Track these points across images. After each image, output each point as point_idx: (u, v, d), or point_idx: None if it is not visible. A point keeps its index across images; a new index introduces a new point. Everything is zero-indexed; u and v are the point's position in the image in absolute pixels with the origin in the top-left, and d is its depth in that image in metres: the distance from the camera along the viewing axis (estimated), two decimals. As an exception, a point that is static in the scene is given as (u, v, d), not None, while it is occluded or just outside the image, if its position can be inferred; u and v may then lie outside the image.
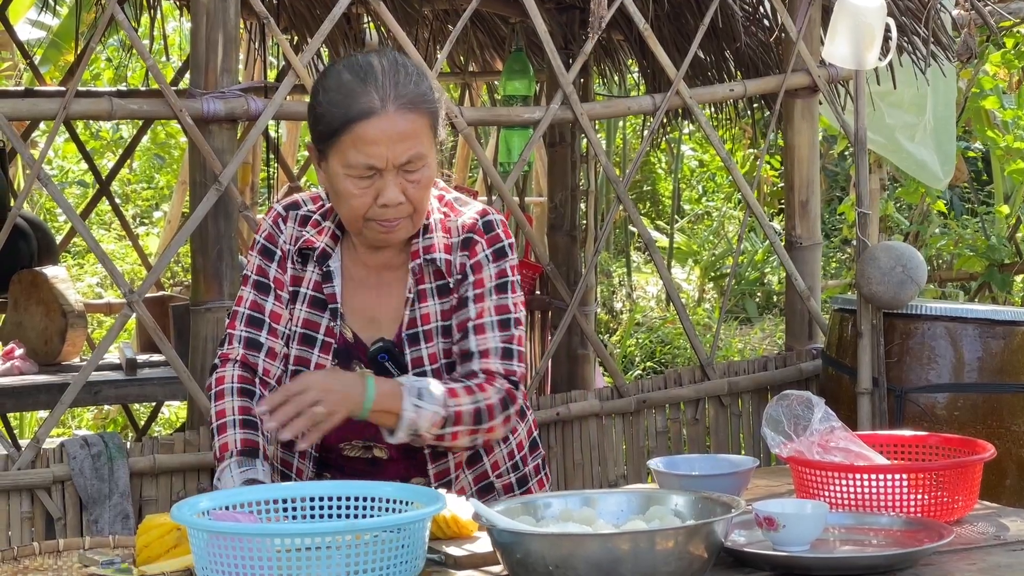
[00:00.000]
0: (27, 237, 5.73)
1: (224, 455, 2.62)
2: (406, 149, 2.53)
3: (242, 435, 2.63)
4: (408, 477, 2.71)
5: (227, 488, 2.54)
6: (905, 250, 4.06)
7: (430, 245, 2.67)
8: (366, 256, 2.70)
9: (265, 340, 2.69)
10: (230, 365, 2.70)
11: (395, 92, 2.53)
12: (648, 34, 4.29)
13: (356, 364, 2.68)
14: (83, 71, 3.78)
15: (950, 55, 4.90)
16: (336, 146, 2.55)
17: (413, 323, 2.67)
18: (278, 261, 2.70)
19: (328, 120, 2.55)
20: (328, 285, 2.68)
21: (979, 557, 2.31)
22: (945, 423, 3.97)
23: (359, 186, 2.55)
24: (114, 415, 8.01)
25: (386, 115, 2.52)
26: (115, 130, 11.76)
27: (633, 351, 9.51)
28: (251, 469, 2.60)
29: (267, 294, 2.70)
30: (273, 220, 2.73)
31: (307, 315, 2.69)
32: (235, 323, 2.71)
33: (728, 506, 2.23)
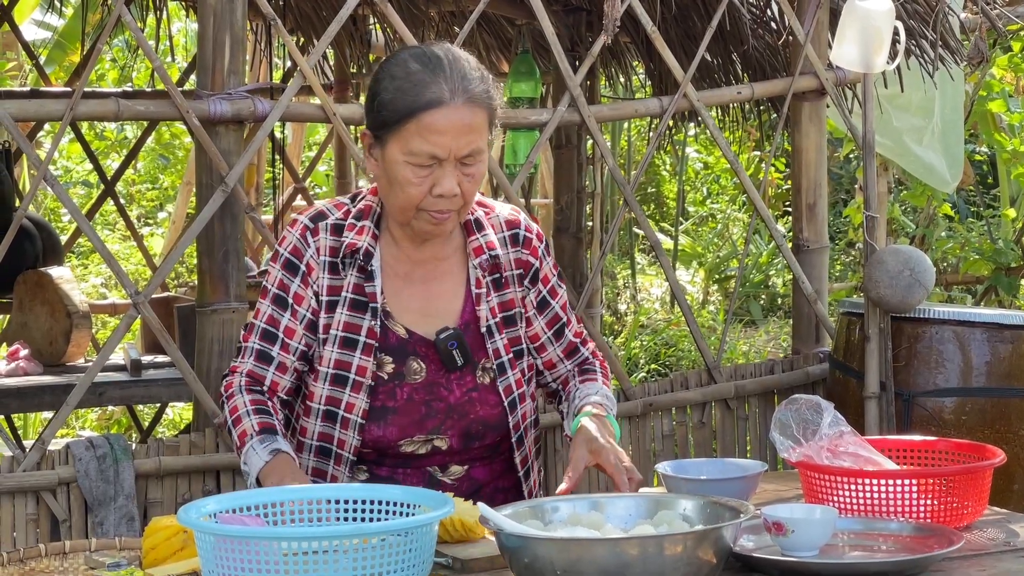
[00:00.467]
0: (32, 238, 5.73)
1: (244, 440, 2.63)
2: (468, 142, 2.57)
3: (258, 420, 2.64)
4: (449, 464, 2.70)
5: (255, 467, 2.57)
6: (913, 254, 4.04)
7: (489, 242, 2.72)
8: (411, 251, 2.71)
9: (277, 355, 2.69)
10: (238, 376, 2.72)
11: (462, 85, 2.57)
12: (655, 36, 4.28)
13: (414, 359, 2.68)
14: (90, 72, 3.78)
15: (958, 59, 4.90)
16: (399, 133, 2.57)
17: (486, 317, 2.71)
18: (302, 276, 2.69)
19: (394, 107, 2.57)
20: (369, 285, 2.68)
21: (989, 563, 2.30)
22: (953, 427, 3.96)
23: (418, 175, 2.57)
24: (118, 416, 8.01)
25: (454, 107, 2.55)
26: (120, 130, 11.76)
27: (638, 353, 9.50)
28: (273, 442, 2.60)
29: (284, 309, 2.69)
30: (301, 233, 2.70)
31: (348, 318, 2.67)
32: (250, 336, 2.72)
33: (737, 511, 2.22)
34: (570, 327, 2.83)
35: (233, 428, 2.66)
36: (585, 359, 2.85)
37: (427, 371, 2.67)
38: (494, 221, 2.76)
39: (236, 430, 2.65)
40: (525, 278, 2.76)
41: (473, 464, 2.72)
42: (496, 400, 2.71)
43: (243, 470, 2.63)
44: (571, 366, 2.84)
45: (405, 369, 2.67)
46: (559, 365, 2.83)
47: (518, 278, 2.75)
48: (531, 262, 2.76)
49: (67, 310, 5.22)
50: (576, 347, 2.84)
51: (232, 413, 2.68)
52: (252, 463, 2.59)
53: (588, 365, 2.86)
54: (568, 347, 2.83)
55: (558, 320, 2.80)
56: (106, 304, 7.58)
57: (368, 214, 2.70)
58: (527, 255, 2.76)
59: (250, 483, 2.60)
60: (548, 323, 2.79)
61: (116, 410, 7.92)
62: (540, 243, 2.79)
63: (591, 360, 2.86)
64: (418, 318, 2.69)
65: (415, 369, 2.67)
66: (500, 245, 2.74)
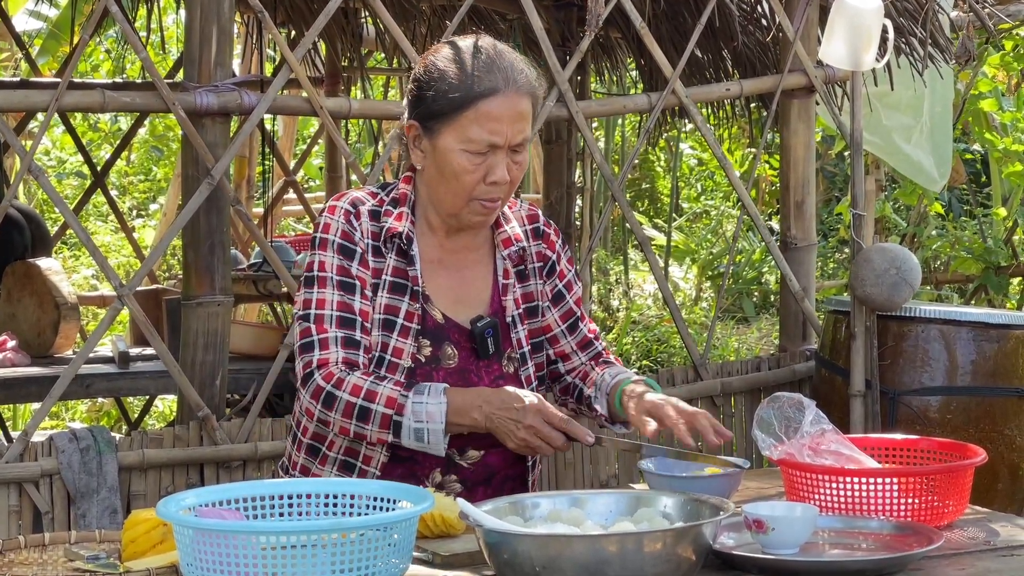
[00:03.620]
0: (21, 228, 5.72)
1: (396, 404, 2.56)
2: (520, 130, 2.63)
3: (392, 382, 2.60)
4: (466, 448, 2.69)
5: (435, 419, 2.56)
6: (899, 252, 4.05)
7: (516, 234, 2.78)
8: (444, 240, 2.74)
9: (360, 338, 2.65)
10: (333, 366, 2.61)
11: (514, 75, 2.63)
12: (645, 32, 4.28)
13: (448, 344, 2.69)
14: (76, 63, 3.77)
15: (948, 57, 4.90)
16: (455, 122, 2.61)
17: (512, 308, 2.76)
18: (359, 258, 2.68)
19: (450, 97, 2.61)
20: (411, 268, 2.70)
21: (969, 562, 2.30)
22: (938, 426, 3.97)
23: (473, 162, 2.61)
24: (108, 408, 8.00)
25: (508, 95, 2.61)
26: (113, 122, 11.74)
27: (629, 349, 9.50)
28: (432, 386, 2.59)
29: (354, 293, 2.66)
30: (345, 218, 2.69)
31: (388, 300, 2.69)
32: (324, 326, 2.63)
33: (717, 508, 2.22)
34: (585, 322, 2.87)
35: (370, 403, 2.57)
36: (599, 353, 2.89)
37: (459, 357, 2.71)
38: (517, 215, 2.82)
39: (377, 403, 2.57)
40: (544, 270, 2.81)
41: (489, 450, 2.72)
42: None
43: (415, 429, 2.56)
44: (585, 359, 2.86)
45: (440, 353, 2.69)
46: (573, 357, 2.85)
47: (539, 271, 2.81)
48: (548, 255, 2.82)
49: (55, 301, 5.21)
50: (590, 341, 2.87)
51: (356, 394, 2.58)
52: (430, 412, 2.56)
53: (605, 359, 2.89)
54: (583, 340, 2.86)
55: (572, 314, 2.84)
56: (95, 296, 7.57)
57: (404, 201, 2.73)
58: (545, 248, 2.82)
59: (434, 435, 2.56)
60: (562, 316, 2.83)
61: (105, 402, 7.90)
62: (557, 238, 2.85)
63: (605, 355, 2.90)
64: (452, 305, 2.73)
65: (449, 354, 2.70)
66: (524, 237, 2.79)
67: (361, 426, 2.59)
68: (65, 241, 10.68)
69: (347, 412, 2.59)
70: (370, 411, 2.58)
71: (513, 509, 2.32)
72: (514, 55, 2.68)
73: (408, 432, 2.58)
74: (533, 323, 2.80)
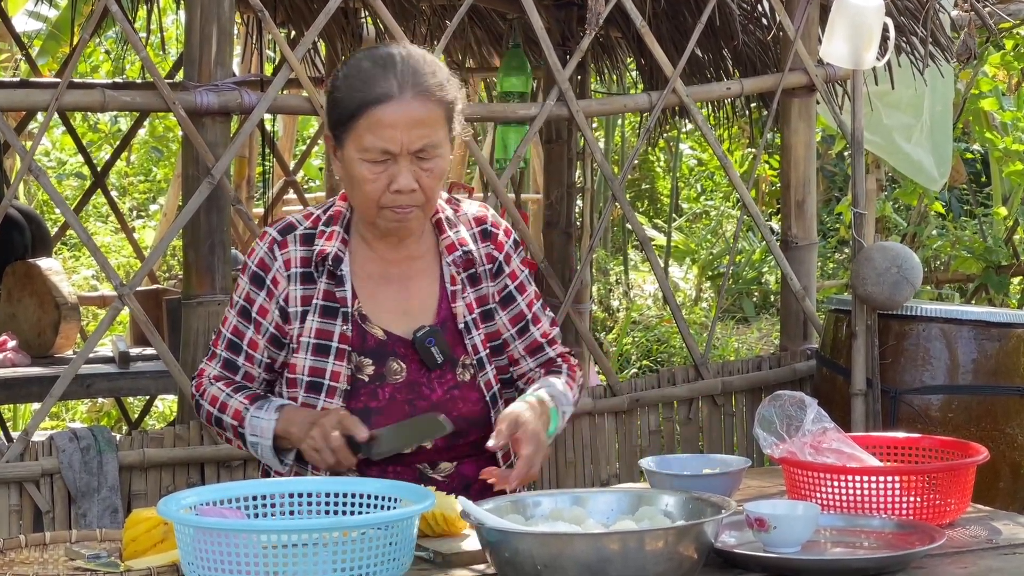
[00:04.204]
0: (21, 229, 5.72)
1: (240, 417, 2.66)
2: (420, 136, 2.57)
3: (243, 395, 2.68)
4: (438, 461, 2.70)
5: (267, 430, 2.61)
6: (901, 251, 4.04)
7: (461, 238, 2.73)
8: (385, 252, 2.71)
9: (242, 365, 2.72)
10: (206, 378, 2.75)
11: (412, 80, 2.57)
12: (645, 31, 4.28)
13: (393, 360, 2.67)
14: (76, 62, 3.77)
15: (948, 56, 4.89)
16: (353, 130, 2.58)
17: (463, 314, 2.71)
18: (267, 290, 2.69)
19: (346, 104, 2.59)
20: (340, 290, 2.67)
21: (971, 560, 2.30)
22: (939, 425, 3.96)
23: (373, 171, 2.58)
24: (108, 408, 7.99)
25: (403, 100, 2.56)
26: (113, 122, 11.74)
27: (629, 349, 9.49)
28: (271, 402, 2.65)
29: (249, 322, 2.70)
30: (269, 246, 2.70)
31: (319, 325, 2.67)
32: (218, 342, 2.75)
33: (719, 507, 2.22)
34: (538, 326, 2.79)
35: (222, 415, 2.68)
36: (551, 359, 2.81)
37: (408, 371, 2.67)
38: (463, 218, 2.76)
39: (226, 415, 2.68)
40: (493, 272, 2.76)
41: (462, 460, 2.71)
42: (477, 396, 2.70)
43: (251, 442, 2.65)
44: (534, 365, 2.80)
45: (385, 370, 2.67)
46: (521, 362, 2.79)
47: (489, 272, 2.75)
48: (495, 255, 2.76)
49: (56, 302, 5.21)
50: (541, 345, 2.80)
51: (213, 403, 2.70)
52: (261, 428, 2.63)
53: (555, 368, 2.81)
54: (532, 344, 2.79)
55: (523, 317, 2.77)
56: (95, 296, 7.56)
57: (338, 219, 2.70)
58: (493, 249, 2.76)
59: (265, 450, 2.62)
60: (512, 319, 2.77)
61: (106, 403, 7.90)
62: (508, 238, 2.78)
63: (559, 363, 2.82)
64: (396, 318, 2.69)
65: (395, 370, 2.67)
66: (472, 241, 2.74)
67: (224, 433, 2.73)
68: (65, 242, 10.67)
69: (208, 420, 2.74)
70: (223, 421, 2.70)
71: (514, 508, 2.32)
72: (423, 60, 2.61)
73: (249, 444, 2.67)
74: (490, 327, 2.75)
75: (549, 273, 4.41)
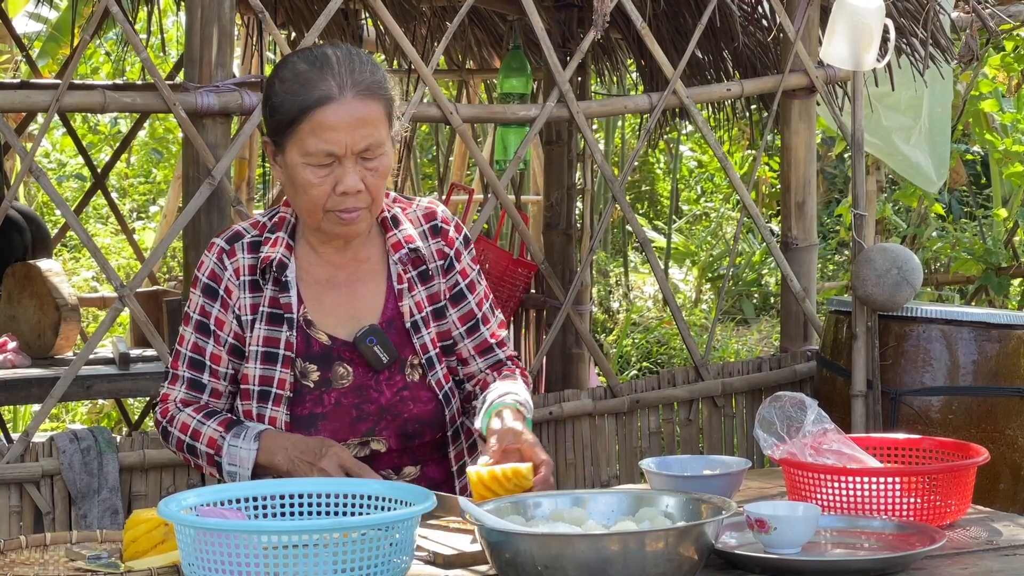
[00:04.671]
0: (21, 230, 5.71)
1: (216, 444, 2.63)
2: (364, 136, 2.54)
3: (216, 421, 2.66)
4: (401, 466, 2.70)
5: (246, 459, 2.59)
6: (901, 252, 4.04)
7: (407, 235, 2.70)
8: (331, 256, 2.69)
9: (208, 382, 2.70)
10: (171, 403, 2.71)
11: (352, 79, 2.54)
12: (645, 32, 4.28)
13: (339, 365, 2.66)
14: (77, 63, 3.77)
15: (949, 57, 4.89)
16: (294, 135, 2.55)
17: (410, 313, 2.68)
18: (221, 301, 2.67)
19: (285, 109, 2.55)
20: (284, 296, 2.65)
21: (971, 561, 2.30)
22: (939, 426, 3.96)
23: (318, 175, 2.55)
24: (108, 410, 7.99)
25: (344, 101, 2.53)
26: (113, 124, 11.74)
27: (629, 351, 9.50)
28: (247, 430, 2.61)
29: (207, 336, 2.68)
30: (217, 256, 2.68)
31: (266, 332, 2.65)
32: (178, 363, 2.72)
33: (719, 508, 2.21)
34: (488, 325, 2.77)
35: (195, 442, 2.65)
36: (500, 362, 2.78)
37: (354, 374, 2.66)
38: (412, 215, 2.73)
39: (199, 443, 2.65)
40: (444, 268, 2.73)
41: (425, 463, 2.71)
42: (429, 396, 2.69)
43: (228, 472, 2.61)
44: (484, 366, 2.77)
45: (331, 375, 2.66)
46: (471, 362, 2.76)
47: (441, 269, 2.73)
48: (446, 251, 2.73)
49: (56, 303, 5.20)
50: (490, 346, 2.77)
51: (184, 431, 2.67)
52: (240, 458, 2.59)
53: (508, 372, 2.77)
54: (481, 344, 2.76)
55: (473, 316, 2.75)
56: (96, 297, 7.55)
57: (282, 225, 2.68)
58: (444, 245, 2.73)
59: (244, 480, 2.59)
60: (462, 317, 2.74)
61: (106, 404, 7.90)
62: (458, 234, 2.75)
63: (509, 366, 2.79)
64: (341, 322, 2.67)
65: (341, 374, 2.65)
66: (420, 238, 2.71)
67: (194, 460, 2.70)
68: (65, 243, 10.68)
69: (179, 446, 2.70)
70: (196, 449, 2.67)
71: (515, 508, 2.32)
72: (359, 58, 2.58)
73: (226, 473, 2.64)
74: (441, 325, 2.72)
75: (549, 274, 4.41)
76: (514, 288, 5.65)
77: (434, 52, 4.20)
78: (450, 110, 4.03)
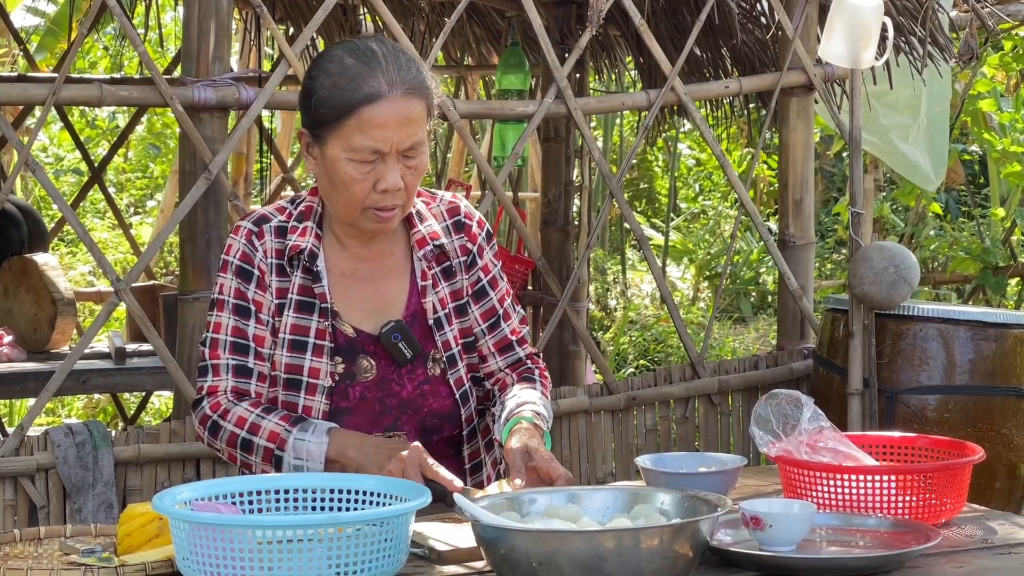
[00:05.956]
0: (17, 224, 5.71)
1: (279, 439, 2.55)
2: (409, 134, 2.54)
3: (278, 416, 2.58)
4: None
5: (315, 458, 2.52)
6: (898, 251, 4.04)
7: (432, 232, 2.70)
8: (357, 249, 2.68)
9: (254, 365, 2.63)
10: (221, 395, 2.62)
11: (399, 77, 2.53)
12: (644, 29, 4.27)
13: (363, 358, 2.65)
14: (74, 57, 3.76)
15: (947, 56, 4.89)
16: (339, 130, 2.53)
17: (433, 309, 2.68)
18: (256, 281, 2.64)
19: (332, 103, 2.53)
20: (318, 285, 2.64)
21: (966, 560, 2.30)
22: (935, 425, 3.96)
23: (361, 171, 2.54)
24: (104, 404, 7.99)
25: (393, 99, 2.52)
26: (111, 119, 11.73)
27: (626, 349, 9.49)
28: (315, 424, 2.56)
29: (248, 318, 2.63)
30: (246, 238, 2.65)
31: (295, 320, 2.64)
32: (218, 352, 2.63)
33: (714, 505, 2.21)
34: (508, 322, 2.77)
35: (253, 436, 2.57)
36: (520, 360, 2.78)
37: (377, 368, 2.65)
38: (436, 210, 2.73)
39: (259, 438, 2.57)
40: (467, 264, 2.73)
41: (440, 460, 2.70)
42: (447, 392, 2.69)
43: (294, 465, 2.54)
44: (504, 365, 2.77)
45: (356, 368, 2.65)
46: (490, 359, 2.76)
47: (464, 265, 2.72)
48: (469, 247, 2.73)
49: (52, 297, 5.20)
50: (511, 343, 2.77)
51: (241, 425, 2.58)
52: (309, 451, 2.53)
53: (527, 372, 2.78)
54: (502, 341, 2.76)
55: (494, 313, 2.75)
56: (92, 292, 7.56)
57: (310, 215, 2.67)
58: (467, 241, 2.73)
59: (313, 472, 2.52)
60: (483, 314, 2.74)
61: (102, 398, 7.90)
62: (481, 230, 2.75)
63: (529, 366, 2.79)
64: (366, 316, 2.67)
65: (365, 367, 2.65)
66: (444, 234, 2.71)
67: (246, 456, 2.60)
68: (62, 237, 10.67)
69: (231, 442, 2.60)
70: (252, 443, 2.58)
71: (510, 505, 2.31)
72: (404, 56, 2.57)
73: (288, 467, 2.56)
74: (463, 322, 2.72)
75: (546, 271, 4.41)
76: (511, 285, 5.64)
77: (432, 48, 4.19)
78: (448, 106, 4.02)
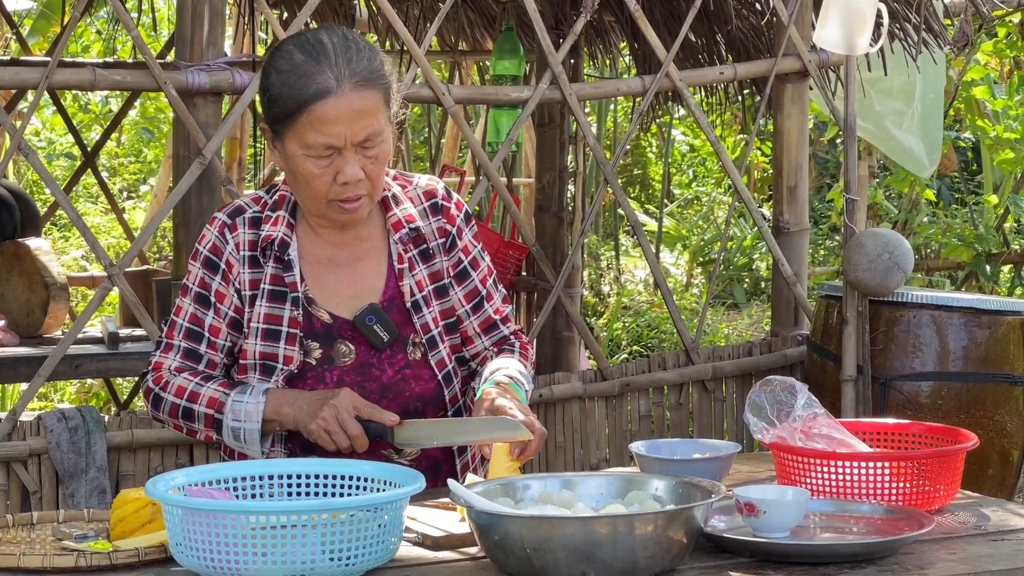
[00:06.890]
0: (10, 208, 5.70)
1: (217, 403, 2.60)
2: (364, 127, 2.53)
3: (217, 383, 2.63)
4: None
5: (252, 419, 2.56)
6: (892, 237, 4.04)
7: (408, 215, 2.70)
8: (332, 236, 2.69)
9: (204, 352, 2.67)
10: (165, 370, 2.67)
11: (349, 69, 2.52)
12: (639, 15, 4.27)
13: (341, 343, 2.66)
14: (67, 41, 3.75)
15: (941, 42, 4.89)
16: (293, 128, 2.53)
17: (411, 292, 2.68)
18: (222, 274, 2.66)
19: (283, 102, 2.53)
20: (288, 274, 2.65)
21: (959, 546, 2.30)
22: (929, 412, 3.97)
23: (319, 166, 2.54)
24: (97, 390, 7.98)
25: (342, 94, 2.51)
26: (104, 103, 11.70)
27: (620, 335, 9.49)
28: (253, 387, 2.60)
29: (207, 308, 2.67)
30: (219, 230, 2.67)
31: (268, 310, 2.65)
32: (173, 333, 2.68)
33: (708, 491, 2.21)
34: (491, 302, 2.77)
35: (193, 404, 2.62)
36: (504, 338, 2.79)
37: (356, 353, 2.66)
38: (412, 194, 2.73)
39: (199, 404, 2.62)
40: (447, 246, 2.73)
41: None
42: (430, 375, 2.69)
43: (232, 428, 2.58)
44: (488, 343, 2.78)
45: (334, 353, 2.65)
46: (475, 340, 2.76)
47: (443, 247, 2.72)
48: (447, 229, 2.73)
49: (45, 282, 5.19)
50: (495, 323, 2.77)
51: (180, 394, 2.64)
52: (247, 412, 2.57)
53: (508, 345, 2.79)
54: (486, 322, 2.76)
55: (477, 293, 2.75)
56: (85, 276, 7.54)
57: (283, 204, 2.68)
58: (445, 223, 2.73)
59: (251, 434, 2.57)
60: (467, 295, 2.74)
61: (95, 384, 7.89)
62: (459, 212, 2.74)
63: (512, 340, 2.80)
64: (343, 301, 2.67)
65: (343, 352, 2.66)
66: (420, 217, 2.71)
67: (189, 424, 2.65)
68: (55, 222, 10.65)
69: (172, 412, 2.65)
70: (193, 411, 2.62)
71: (504, 491, 2.31)
72: (354, 46, 2.54)
73: (227, 430, 2.60)
74: (444, 303, 2.72)
75: (540, 257, 4.40)
76: (505, 270, 5.65)
77: (427, 33, 4.18)
78: (442, 91, 4.01)
